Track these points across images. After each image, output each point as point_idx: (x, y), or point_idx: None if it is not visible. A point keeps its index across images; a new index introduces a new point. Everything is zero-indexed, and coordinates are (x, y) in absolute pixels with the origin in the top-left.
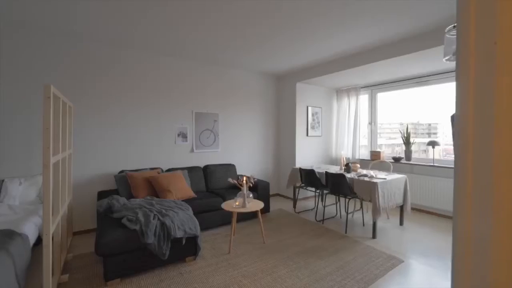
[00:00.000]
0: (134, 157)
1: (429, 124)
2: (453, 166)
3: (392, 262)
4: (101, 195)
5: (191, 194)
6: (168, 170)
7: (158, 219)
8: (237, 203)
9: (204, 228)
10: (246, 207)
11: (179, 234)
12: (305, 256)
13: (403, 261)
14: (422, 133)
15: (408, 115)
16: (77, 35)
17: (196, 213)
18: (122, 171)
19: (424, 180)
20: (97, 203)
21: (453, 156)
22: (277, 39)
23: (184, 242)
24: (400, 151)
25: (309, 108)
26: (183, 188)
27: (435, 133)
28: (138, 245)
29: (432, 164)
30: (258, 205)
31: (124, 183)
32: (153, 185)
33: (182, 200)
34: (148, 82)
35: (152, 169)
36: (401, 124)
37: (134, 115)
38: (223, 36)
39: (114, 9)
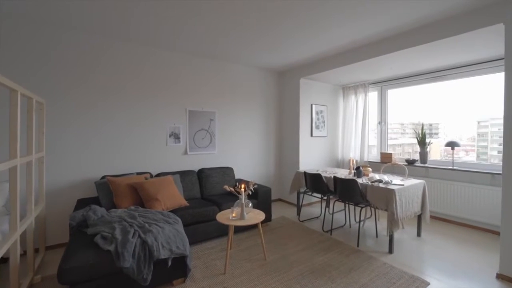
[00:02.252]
0: (120, 161)
1: (430, 124)
2: (476, 169)
3: (416, 285)
4: (81, 203)
5: (183, 202)
6: (158, 174)
7: (139, 236)
8: (233, 215)
9: (197, 241)
10: (245, 219)
11: (163, 254)
12: (313, 277)
13: (429, 284)
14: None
15: (414, 114)
16: (55, 24)
17: (188, 225)
18: (104, 177)
19: (442, 185)
20: (70, 215)
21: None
22: (278, 29)
23: (170, 263)
24: (401, 151)
25: (314, 106)
26: (173, 196)
27: (436, 133)
28: (114, 269)
29: (451, 167)
30: (258, 216)
31: (106, 190)
32: (139, 192)
33: (172, 210)
34: (137, 77)
35: (139, 173)
36: (402, 124)
37: (121, 113)
38: (220, 26)
39: None
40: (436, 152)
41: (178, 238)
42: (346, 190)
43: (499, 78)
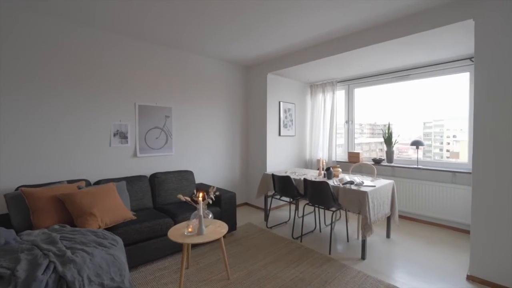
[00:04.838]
0: (45, 166)
1: (384, 125)
2: (443, 168)
3: None
4: None
5: (128, 215)
6: (98, 182)
7: (55, 269)
8: (189, 229)
9: (147, 261)
10: (203, 235)
11: None
12: None
13: None
14: (379, 133)
15: (371, 114)
16: None
17: (134, 243)
18: (19, 187)
19: (407, 184)
20: None
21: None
22: (244, 16)
23: None
24: (360, 150)
25: (282, 104)
26: (115, 208)
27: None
28: None
29: (416, 166)
30: (219, 229)
31: (21, 205)
32: (67, 206)
33: (113, 227)
34: (69, 61)
35: (71, 182)
36: (361, 124)
37: (49, 106)
38: (177, 10)
39: None
40: (395, 150)
41: (114, 266)
42: (318, 194)
43: (449, 79)
